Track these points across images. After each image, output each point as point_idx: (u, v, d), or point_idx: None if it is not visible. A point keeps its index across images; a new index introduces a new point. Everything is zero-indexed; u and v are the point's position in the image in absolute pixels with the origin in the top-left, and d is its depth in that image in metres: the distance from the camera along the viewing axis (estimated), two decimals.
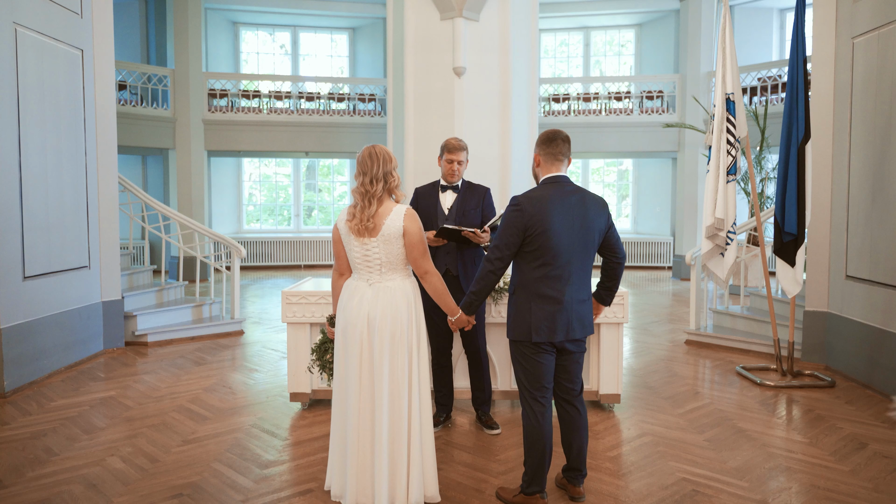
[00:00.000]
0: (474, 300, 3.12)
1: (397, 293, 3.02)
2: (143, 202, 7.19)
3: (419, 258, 3.01)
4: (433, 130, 7.99)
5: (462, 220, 4.00)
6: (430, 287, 3.06)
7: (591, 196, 3.08)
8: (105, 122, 6.15)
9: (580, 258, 3.03)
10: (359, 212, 2.98)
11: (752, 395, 4.94)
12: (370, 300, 3.02)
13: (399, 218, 2.96)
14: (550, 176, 3.07)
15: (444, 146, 4.04)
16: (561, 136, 3.10)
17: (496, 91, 8.18)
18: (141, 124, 11.55)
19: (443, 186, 4.09)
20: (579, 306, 3.05)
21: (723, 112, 4.94)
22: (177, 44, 11.93)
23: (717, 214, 4.96)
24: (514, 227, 2.96)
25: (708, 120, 11.73)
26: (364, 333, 3.01)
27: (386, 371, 2.96)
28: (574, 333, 3.03)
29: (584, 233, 3.01)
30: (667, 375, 5.50)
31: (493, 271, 3.03)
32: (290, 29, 14.56)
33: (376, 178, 2.97)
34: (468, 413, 4.48)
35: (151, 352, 6.33)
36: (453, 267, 3.98)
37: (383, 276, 3.03)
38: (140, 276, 7.28)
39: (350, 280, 3.13)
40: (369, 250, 3.01)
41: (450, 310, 3.14)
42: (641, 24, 14.33)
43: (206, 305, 7.24)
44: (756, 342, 6.22)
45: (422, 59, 8.22)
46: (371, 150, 3.01)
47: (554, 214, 2.94)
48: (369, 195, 2.97)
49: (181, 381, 5.31)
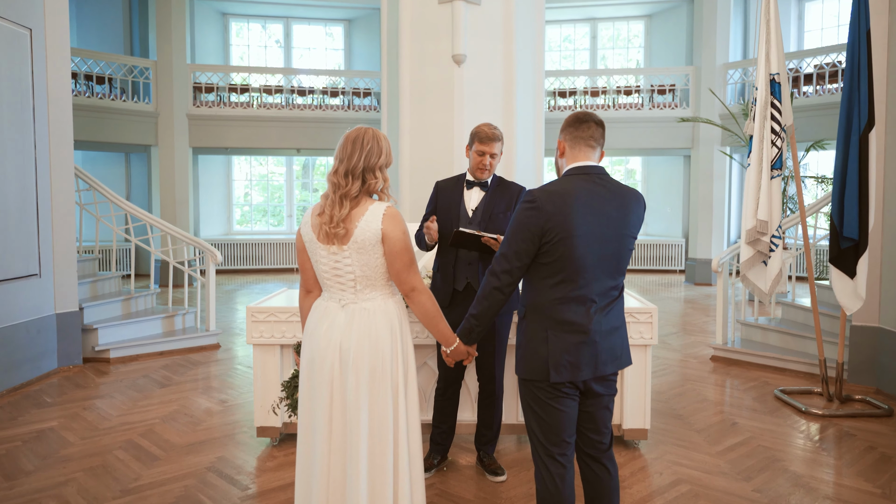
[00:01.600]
0: (475, 326, 2.41)
1: (377, 316, 2.33)
2: (110, 201, 6.50)
3: (403, 271, 2.32)
4: (430, 123, 7.29)
5: (488, 225, 3.27)
6: (418, 308, 2.37)
7: (629, 191, 2.38)
8: (59, 111, 5.46)
9: (612, 273, 2.33)
10: (328, 208, 2.29)
11: (799, 427, 4.24)
12: (342, 326, 2.33)
13: (376, 219, 2.27)
14: (578, 165, 2.37)
15: (474, 134, 3.30)
16: (594, 119, 2.40)
17: (499, 81, 7.48)
18: (122, 119, 10.86)
19: (468, 182, 3.37)
20: (610, 336, 2.35)
21: (767, 96, 4.21)
22: (159, 34, 11.22)
23: (759, 216, 4.23)
24: (528, 231, 2.25)
25: (725, 115, 11.02)
26: (335, 369, 2.32)
27: (364, 417, 2.27)
28: (604, 369, 2.33)
29: (618, 240, 2.31)
30: (695, 400, 4.79)
31: (498, 288, 2.33)
32: (282, 20, 13.86)
33: (352, 173, 2.28)
34: (467, 450, 3.78)
35: (113, 369, 5.64)
36: (475, 280, 3.28)
37: (359, 294, 2.34)
38: (106, 284, 6.59)
39: (319, 300, 2.45)
40: (339, 262, 2.32)
41: (444, 338, 2.44)
42: (651, 15, 13.62)
43: (179, 316, 6.55)
44: (792, 360, 5.51)
45: (418, 46, 7.52)
46: (357, 134, 2.32)
47: (580, 215, 2.24)
48: (341, 192, 2.28)
49: (138, 407, 4.62)
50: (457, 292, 3.31)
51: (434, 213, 3.40)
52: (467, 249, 3.24)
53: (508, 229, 2.33)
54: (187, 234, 6.68)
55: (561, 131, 2.44)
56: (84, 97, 10.40)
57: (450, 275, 3.30)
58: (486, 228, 3.27)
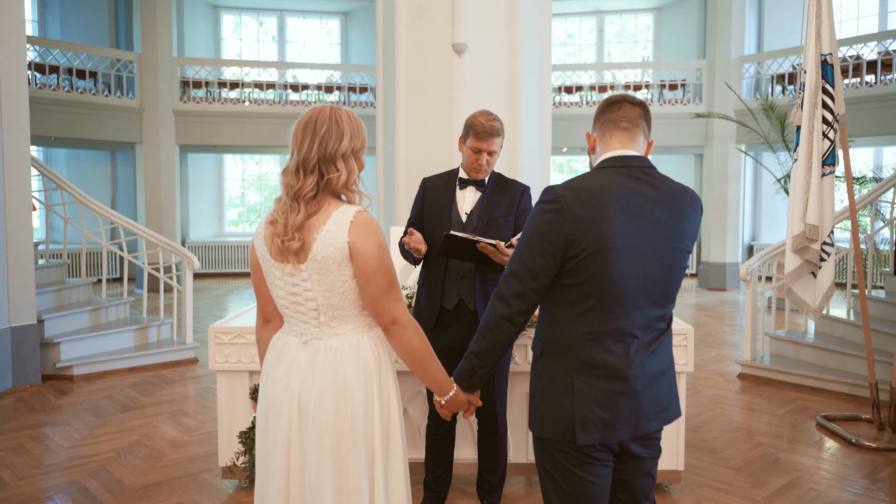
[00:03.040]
0: (478, 367, 1.83)
1: (347, 358, 1.77)
2: (79, 202, 5.95)
3: (379, 298, 1.75)
4: (429, 117, 6.72)
5: (486, 232, 2.70)
6: (401, 347, 1.80)
7: (683, 191, 1.82)
8: (12, 102, 4.89)
9: (659, 299, 1.76)
10: (280, 215, 1.73)
11: (852, 464, 3.66)
12: (303, 368, 1.77)
13: (340, 230, 1.70)
14: (615, 155, 1.80)
15: (469, 126, 2.69)
16: (629, 99, 1.83)
17: (502, 72, 6.91)
18: (105, 115, 10.29)
19: (462, 180, 2.79)
20: (656, 383, 1.78)
21: (817, 80, 3.63)
22: (144, 25, 10.65)
23: (808, 220, 3.65)
24: (547, 242, 1.68)
25: (740, 110, 10.44)
26: (292, 425, 1.76)
27: (327, 493, 1.71)
28: (647, 426, 1.76)
29: (668, 256, 1.75)
30: (728, 428, 4.22)
31: (507, 318, 1.75)
32: (276, 13, 13.30)
33: (305, 166, 1.72)
34: (469, 495, 3.21)
35: (76, 388, 5.08)
36: (470, 297, 2.71)
37: (324, 328, 1.78)
38: (74, 292, 6.03)
39: (279, 333, 1.89)
40: (297, 285, 1.76)
41: (437, 385, 1.85)
42: (660, 8, 13.04)
43: (154, 327, 5.99)
44: (831, 379, 4.93)
45: (416, 34, 6.94)
46: (310, 116, 1.75)
47: (619, 221, 1.67)
48: (295, 193, 1.72)
49: (94, 436, 4.06)
50: (445, 311, 2.74)
51: (420, 216, 2.84)
52: (460, 259, 2.66)
53: (521, 239, 1.76)
54: (163, 237, 6.12)
55: (593, 123, 1.89)
56: (63, 91, 9.84)
57: (437, 290, 2.74)
58: (482, 235, 2.70)
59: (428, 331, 2.75)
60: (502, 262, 2.51)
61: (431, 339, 2.73)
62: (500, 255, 2.49)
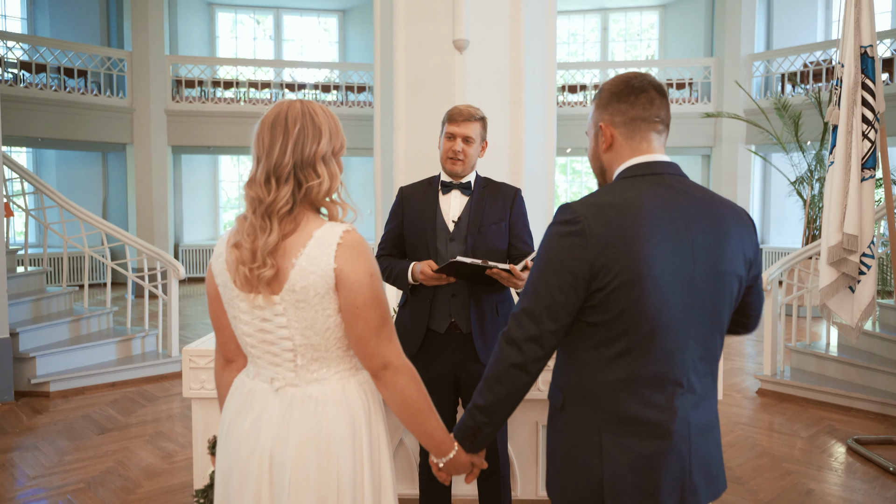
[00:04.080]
0: (483, 424, 1.48)
1: (330, 410, 1.45)
2: (60, 206, 5.63)
3: (369, 337, 1.42)
4: (429, 117, 6.35)
5: (478, 240, 2.37)
6: (393, 397, 1.47)
7: (723, 204, 1.49)
8: None
9: (707, 336, 1.44)
10: (246, 237, 1.40)
11: (892, 497, 3.34)
12: (275, 423, 1.45)
13: (325, 252, 1.38)
14: (643, 161, 1.48)
15: (446, 113, 2.42)
16: (652, 83, 1.48)
17: (505, 69, 6.54)
18: (95, 115, 9.98)
19: (445, 184, 2.46)
20: (705, 438, 1.45)
21: (857, 74, 3.30)
22: (135, 23, 10.32)
23: (846, 229, 3.32)
24: (567, 273, 1.36)
25: (750, 110, 10.11)
26: (263, 493, 1.44)
27: None
28: (695, 498, 1.43)
29: (714, 281, 1.42)
30: (753, 454, 3.89)
31: (520, 366, 1.41)
32: (272, 11, 12.98)
33: (278, 174, 1.39)
34: None
35: (53, 406, 4.76)
36: (463, 319, 2.37)
37: (301, 372, 1.46)
38: (53, 302, 5.70)
39: (243, 375, 1.56)
40: (269, 322, 1.44)
41: (435, 444, 1.51)
42: (666, 5, 12.71)
43: (138, 339, 5.67)
44: (859, 396, 4.61)
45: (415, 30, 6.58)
46: (277, 112, 1.44)
47: (654, 242, 1.35)
48: (266, 208, 1.40)
49: (64, 463, 3.73)
50: (434, 335, 2.39)
51: (399, 229, 2.51)
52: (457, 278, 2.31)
53: (535, 268, 1.42)
54: (146, 243, 5.79)
55: (601, 108, 1.51)
56: (51, 91, 9.53)
57: (424, 310, 2.39)
58: (474, 245, 2.36)
59: (412, 357, 2.43)
60: (516, 286, 2.18)
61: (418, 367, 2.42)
62: (515, 281, 2.16)
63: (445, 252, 2.39)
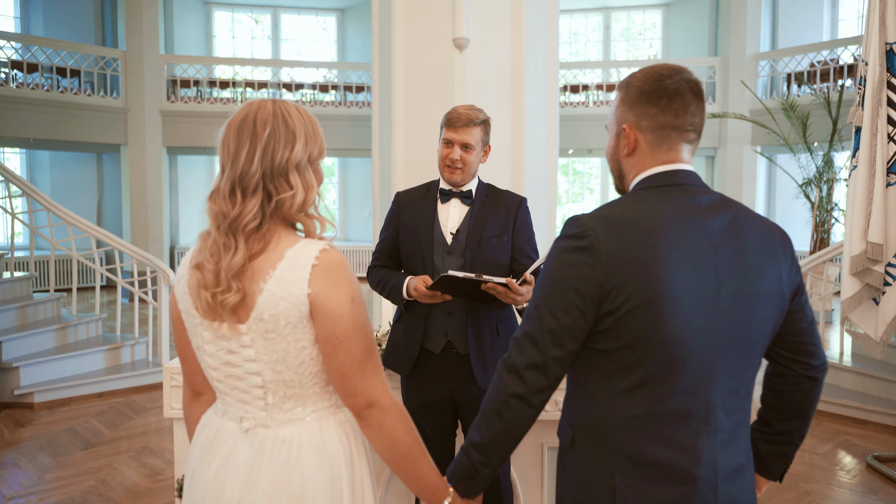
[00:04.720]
0: (481, 466, 1.29)
1: (307, 455, 1.26)
2: (47, 209, 5.45)
3: (352, 372, 1.24)
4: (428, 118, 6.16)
5: (478, 254, 2.17)
6: (379, 439, 1.28)
7: (755, 218, 1.30)
8: None
9: (736, 366, 1.26)
10: (209, 256, 1.22)
11: None
12: (244, 471, 1.26)
13: (298, 275, 1.20)
14: (662, 171, 1.29)
15: (444, 117, 2.22)
16: (689, 82, 1.28)
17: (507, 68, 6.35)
18: (89, 116, 9.80)
19: (444, 192, 2.26)
20: (730, 485, 1.26)
21: (882, 73, 3.12)
22: (129, 22, 10.14)
23: (870, 238, 3.14)
24: (574, 293, 1.19)
25: (756, 110, 9.93)
26: None
27: None
28: None
29: (742, 302, 1.23)
30: None
31: (521, 396, 1.23)
32: (270, 10, 12.81)
33: (244, 185, 1.21)
34: None
35: (36, 418, 4.58)
36: (460, 339, 2.16)
37: (273, 411, 1.28)
38: (40, 309, 5.52)
39: (211, 412, 1.38)
40: (235, 354, 1.25)
41: (428, 491, 1.31)
42: (669, 4, 12.53)
43: (127, 347, 5.49)
44: (876, 409, 4.42)
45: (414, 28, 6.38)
46: (245, 114, 1.25)
47: (674, 261, 1.18)
48: (230, 224, 1.21)
49: (44, 482, 3.55)
50: (429, 355, 2.19)
51: (394, 238, 2.32)
52: (455, 295, 2.12)
53: (538, 287, 1.25)
54: (136, 248, 5.61)
55: (627, 107, 1.31)
56: (44, 91, 9.35)
57: (418, 328, 2.19)
58: (473, 259, 2.16)
59: (404, 378, 2.25)
60: (515, 302, 2.00)
61: (412, 391, 2.22)
62: (513, 296, 1.97)
63: (442, 266, 2.21)
